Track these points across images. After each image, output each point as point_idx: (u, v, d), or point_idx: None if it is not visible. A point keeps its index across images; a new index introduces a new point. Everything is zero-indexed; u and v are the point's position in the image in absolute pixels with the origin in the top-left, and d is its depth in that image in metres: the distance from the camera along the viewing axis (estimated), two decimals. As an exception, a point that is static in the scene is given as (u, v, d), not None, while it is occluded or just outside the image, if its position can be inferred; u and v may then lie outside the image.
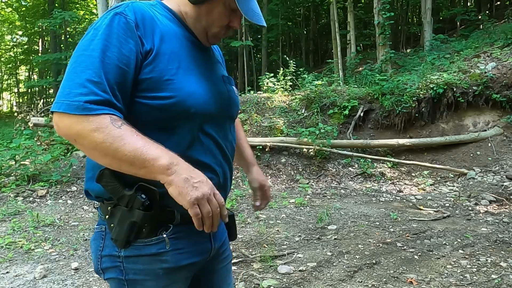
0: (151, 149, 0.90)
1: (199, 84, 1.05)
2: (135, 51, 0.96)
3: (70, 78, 0.91)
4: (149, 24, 1.01)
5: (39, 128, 7.42)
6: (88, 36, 0.96)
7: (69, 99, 0.89)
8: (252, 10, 1.08)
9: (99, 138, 0.88)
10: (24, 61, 25.70)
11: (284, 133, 7.28)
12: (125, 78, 0.95)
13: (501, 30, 9.54)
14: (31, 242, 3.75)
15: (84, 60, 0.92)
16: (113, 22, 0.96)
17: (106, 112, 0.89)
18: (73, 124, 0.89)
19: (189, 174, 0.92)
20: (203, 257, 1.16)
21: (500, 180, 5.80)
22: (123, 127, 0.90)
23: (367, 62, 11.67)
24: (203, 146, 1.07)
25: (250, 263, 3.31)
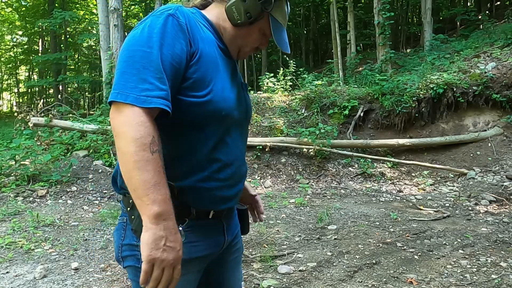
0: (157, 192, 0.94)
1: (230, 90, 1.14)
2: (185, 51, 1.03)
3: (132, 72, 0.97)
4: (194, 28, 1.09)
5: (39, 128, 7.42)
6: (144, 32, 1.01)
7: (136, 92, 0.95)
8: (283, 40, 1.21)
9: (131, 149, 0.94)
10: (24, 61, 25.68)
11: (284, 133, 7.28)
12: (177, 76, 1.02)
13: (501, 30, 9.54)
14: (31, 242, 3.75)
15: (143, 56, 0.98)
16: (167, 22, 1.03)
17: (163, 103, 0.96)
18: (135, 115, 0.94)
19: (168, 235, 0.95)
20: (216, 249, 1.22)
21: (500, 180, 5.80)
22: (155, 155, 0.95)
23: (367, 62, 11.67)
24: (227, 147, 1.15)
25: (250, 263, 3.31)
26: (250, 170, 6.76)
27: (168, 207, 0.96)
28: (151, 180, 0.93)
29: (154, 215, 0.94)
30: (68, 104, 13.10)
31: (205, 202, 1.14)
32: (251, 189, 1.50)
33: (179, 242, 0.98)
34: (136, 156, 0.93)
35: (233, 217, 1.34)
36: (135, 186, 0.94)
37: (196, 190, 1.11)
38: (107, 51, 9.68)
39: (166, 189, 0.96)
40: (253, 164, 6.86)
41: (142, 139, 0.93)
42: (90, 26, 19.59)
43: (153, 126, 0.96)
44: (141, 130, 0.94)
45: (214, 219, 1.19)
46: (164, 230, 0.95)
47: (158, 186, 0.94)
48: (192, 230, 1.11)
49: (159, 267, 0.95)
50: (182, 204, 1.08)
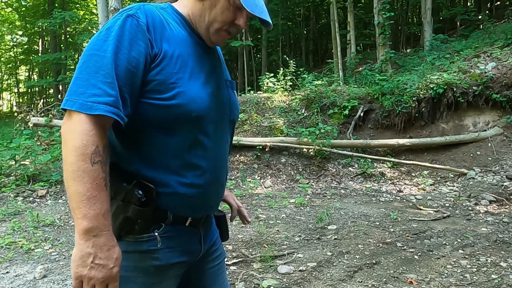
0: (90, 207, 0.89)
1: (203, 89, 1.06)
2: (145, 54, 0.98)
3: (84, 77, 0.94)
4: (158, 28, 1.03)
5: (39, 128, 7.42)
6: (101, 36, 0.98)
7: (83, 98, 0.91)
8: (257, 6, 1.07)
9: (71, 158, 0.90)
10: (24, 61, 25.69)
11: (284, 133, 7.28)
12: (134, 80, 0.97)
13: (501, 30, 9.54)
14: (31, 242, 3.75)
15: (97, 60, 0.94)
16: (125, 24, 0.98)
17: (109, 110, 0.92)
18: (80, 122, 0.91)
19: (97, 252, 0.90)
20: (192, 256, 1.17)
21: (500, 180, 5.80)
22: (95, 166, 0.90)
23: (367, 62, 11.66)
24: (205, 151, 1.09)
25: (250, 263, 3.31)
26: (250, 170, 6.76)
27: (100, 223, 0.90)
28: (86, 193, 0.89)
29: (83, 230, 0.90)
30: (68, 104, 13.06)
31: (183, 209, 1.10)
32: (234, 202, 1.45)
33: (112, 259, 0.92)
34: (74, 166, 0.90)
35: (211, 224, 1.28)
36: (70, 197, 0.91)
37: (172, 196, 1.06)
38: (107, 51, 9.67)
39: (103, 203, 0.91)
40: (253, 164, 6.86)
41: (84, 148, 0.90)
42: (90, 26, 19.57)
43: (99, 134, 0.92)
44: (84, 139, 0.90)
45: (192, 227, 1.14)
46: (93, 247, 0.90)
47: (92, 200, 0.90)
48: (168, 236, 1.08)
49: (88, 285, 0.91)
50: (159, 208, 1.05)
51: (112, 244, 0.94)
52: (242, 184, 6.41)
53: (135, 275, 1.05)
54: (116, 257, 0.94)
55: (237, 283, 2.94)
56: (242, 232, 4.10)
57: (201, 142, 1.07)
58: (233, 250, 3.60)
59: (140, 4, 1.05)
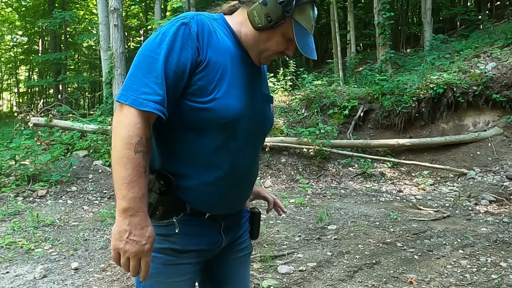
0: (130, 190, 1.01)
1: (238, 99, 1.14)
2: (191, 59, 1.08)
3: (139, 75, 1.05)
4: (207, 37, 1.12)
5: (39, 128, 7.42)
6: (157, 39, 1.08)
7: (136, 95, 1.03)
8: (307, 45, 1.17)
9: (118, 146, 1.02)
10: (24, 61, 25.67)
11: (284, 133, 7.28)
12: (179, 82, 1.08)
13: (501, 30, 9.53)
14: (31, 242, 3.75)
15: (151, 61, 1.06)
16: (179, 31, 1.09)
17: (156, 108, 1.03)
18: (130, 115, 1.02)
19: (132, 229, 1.02)
20: (212, 247, 1.25)
21: (500, 180, 5.80)
22: (137, 155, 1.02)
23: (367, 62, 11.66)
24: (231, 155, 1.16)
25: (250, 263, 3.31)
26: (250, 170, 6.76)
27: (136, 205, 1.01)
28: (127, 177, 1.00)
29: (122, 210, 1.02)
30: (68, 104, 13.10)
31: (200, 205, 1.18)
32: (269, 196, 1.53)
33: (145, 237, 1.03)
34: (120, 153, 1.01)
35: (238, 219, 1.35)
36: (114, 179, 1.03)
37: (192, 191, 1.16)
38: (107, 51, 9.68)
39: (141, 188, 1.02)
40: (253, 164, 6.86)
41: (130, 138, 1.01)
42: (90, 26, 19.58)
43: (144, 128, 1.03)
44: (131, 130, 1.01)
45: (210, 219, 1.22)
46: (129, 224, 1.01)
47: (132, 184, 1.01)
48: (186, 224, 1.17)
49: (124, 257, 1.03)
50: (179, 199, 1.15)
51: (146, 224, 1.04)
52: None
53: (155, 255, 1.14)
54: (149, 235, 1.04)
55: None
56: (242, 232, 4.10)
57: (227, 146, 1.15)
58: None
59: (194, 14, 1.15)
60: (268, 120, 1.30)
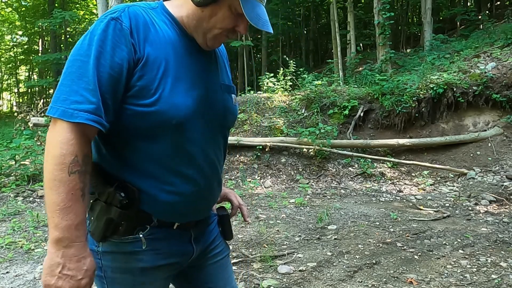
0: (63, 217, 0.89)
1: (187, 94, 1.02)
2: (128, 59, 0.96)
3: (67, 83, 0.93)
4: (142, 31, 1.00)
5: (39, 128, 7.42)
6: (86, 40, 0.96)
7: (65, 105, 0.91)
8: (258, 16, 1.04)
9: (49, 167, 0.90)
10: (24, 61, 25.68)
11: (284, 133, 7.28)
12: (117, 86, 0.95)
13: (501, 30, 9.53)
14: (31, 242, 3.75)
15: (80, 66, 0.93)
16: (108, 28, 0.96)
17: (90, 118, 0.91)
18: (61, 130, 0.91)
19: (66, 262, 0.90)
20: (183, 258, 1.16)
21: (500, 180, 5.80)
22: (72, 176, 0.90)
23: (367, 62, 11.66)
24: (189, 157, 1.05)
25: (250, 263, 3.31)
26: (250, 170, 6.76)
27: (71, 234, 0.90)
28: (60, 203, 0.89)
29: (54, 240, 0.90)
30: (68, 104, 13.04)
31: (168, 215, 1.08)
32: (235, 199, 1.41)
33: (82, 270, 0.92)
34: (51, 175, 0.90)
35: (207, 225, 1.25)
36: (46, 205, 0.92)
37: (155, 202, 1.04)
38: (107, 51, 9.66)
39: (78, 214, 0.91)
40: (253, 164, 6.86)
41: (62, 158, 0.89)
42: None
43: (80, 143, 0.91)
44: (64, 148, 0.89)
45: (180, 229, 1.12)
46: (63, 257, 0.90)
47: (66, 210, 0.89)
48: (154, 238, 1.06)
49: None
50: (143, 211, 1.04)
51: (84, 255, 0.93)
52: (242, 184, 6.41)
53: (122, 276, 1.06)
54: (87, 268, 0.93)
55: (237, 283, 2.94)
56: (242, 232, 4.10)
57: (185, 150, 1.04)
58: (233, 250, 3.60)
59: (125, 6, 1.01)
60: (229, 112, 1.17)
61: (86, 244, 0.94)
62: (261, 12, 1.06)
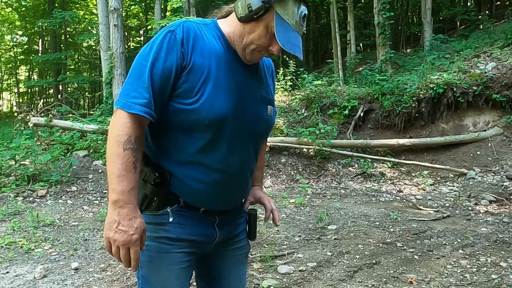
0: (119, 183, 1.09)
1: (223, 100, 1.18)
2: (176, 64, 1.15)
3: (130, 82, 1.16)
4: (192, 42, 1.18)
5: (39, 128, 7.42)
6: (147, 48, 1.17)
7: (126, 99, 1.13)
8: (288, 39, 1.16)
9: (110, 143, 1.13)
10: (24, 61, 25.66)
11: (284, 133, 7.28)
12: (165, 86, 1.15)
13: (501, 30, 9.53)
14: (31, 242, 3.75)
15: (140, 68, 1.15)
16: (165, 38, 1.16)
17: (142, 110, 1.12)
18: (120, 117, 1.13)
19: (121, 220, 1.09)
20: (205, 239, 1.30)
21: (500, 180, 5.80)
22: (126, 152, 1.11)
23: (367, 62, 11.66)
24: (219, 154, 1.21)
25: (250, 263, 3.31)
26: (250, 170, 6.75)
27: (125, 197, 1.10)
28: (117, 172, 1.09)
29: (112, 201, 1.10)
30: (68, 104, 13.10)
31: (192, 200, 1.25)
32: (268, 203, 1.52)
33: (133, 227, 1.10)
34: (111, 150, 1.12)
35: (234, 217, 1.39)
36: (107, 174, 1.13)
37: (183, 188, 1.23)
38: (107, 51, 9.67)
39: (130, 182, 1.10)
40: (253, 164, 6.86)
41: (119, 137, 1.11)
42: (90, 26, 19.58)
43: (133, 127, 1.12)
44: (121, 129, 1.11)
45: (205, 213, 1.28)
46: (119, 215, 1.09)
47: (121, 178, 1.09)
48: (180, 214, 1.24)
49: (114, 245, 1.11)
50: (173, 193, 1.23)
51: (135, 215, 1.11)
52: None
53: (151, 243, 1.21)
54: (137, 226, 1.11)
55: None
56: (242, 232, 4.10)
57: (214, 146, 1.20)
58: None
59: (182, 21, 1.21)
60: (263, 121, 1.32)
61: (137, 207, 1.13)
62: (293, 37, 1.18)
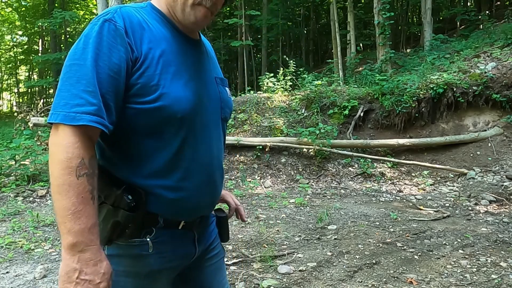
0: (75, 222, 0.88)
1: (187, 88, 1.03)
2: (125, 58, 0.96)
3: (66, 88, 0.92)
4: (137, 30, 1.00)
5: (39, 128, 7.41)
6: (80, 44, 0.96)
7: (66, 109, 0.90)
8: None
9: (56, 172, 0.89)
10: (24, 61, 25.69)
11: (284, 133, 7.28)
12: (117, 86, 0.96)
13: (501, 30, 9.53)
14: (31, 242, 3.75)
15: (77, 69, 0.93)
16: (103, 29, 0.96)
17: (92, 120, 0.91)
18: (65, 134, 0.90)
19: (83, 267, 0.89)
20: (186, 260, 1.17)
21: (500, 180, 5.80)
22: (81, 180, 0.89)
23: (367, 62, 11.66)
24: (193, 151, 1.06)
25: (250, 263, 3.31)
26: (250, 170, 6.76)
27: (85, 238, 0.89)
28: (71, 207, 0.88)
29: (68, 246, 0.89)
30: (68, 104, 13.04)
31: (172, 213, 1.08)
32: (232, 200, 1.42)
33: (99, 274, 0.90)
34: (60, 179, 0.88)
35: (208, 224, 1.26)
36: (56, 211, 0.90)
37: (161, 200, 1.04)
38: (107, 51, 9.66)
39: (89, 217, 0.90)
40: (253, 164, 6.86)
41: (69, 161, 0.88)
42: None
43: (84, 147, 0.90)
44: (69, 151, 0.89)
45: (184, 229, 1.13)
46: (79, 262, 0.89)
47: (77, 214, 0.88)
48: (160, 241, 1.07)
49: None
50: (149, 212, 1.04)
51: (99, 258, 0.92)
52: (242, 184, 6.40)
53: (125, 280, 1.05)
54: (104, 272, 0.92)
55: (237, 283, 2.94)
56: (242, 232, 4.10)
57: (188, 144, 1.05)
58: (233, 250, 3.60)
59: (117, 7, 1.02)
60: (226, 104, 1.19)
61: (100, 247, 0.93)
62: None
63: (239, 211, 1.42)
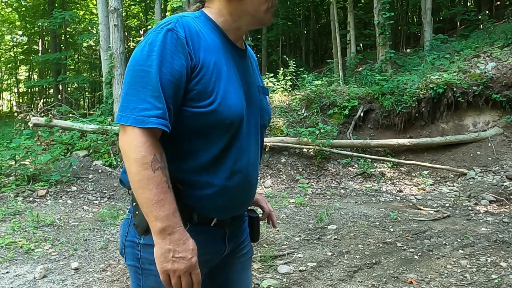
0: (160, 209, 1.00)
1: (237, 96, 1.12)
2: (186, 66, 1.05)
3: (133, 93, 1.02)
4: (195, 39, 1.09)
5: (39, 128, 7.42)
6: (145, 51, 1.04)
7: (135, 113, 1.00)
8: None
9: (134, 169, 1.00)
10: (24, 61, 25.66)
11: (284, 133, 7.28)
12: (177, 91, 1.05)
13: (501, 30, 9.53)
14: (31, 242, 3.75)
15: (143, 75, 1.02)
16: (166, 38, 1.04)
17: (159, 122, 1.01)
18: (135, 136, 1.00)
19: (175, 247, 1.01)
20: (216, 256, 1.23)
21: (500, 180, 5.80)
22: (157, 173, 1.00)
23: (367, 62, 11.65)
24: (236, 154, 1.15)
25: (251, 267, 3.31)
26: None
27: (172, 221, 1.00)
28: (154, 198, 0.99)
29: (158, 231, 1.00)
30: (68, 104, 13.10)
31: (209, 210, 1.16)
32: (266, 205, 1.50)
33: (189, 250, 1.02)
34: (138, 176, 1.00)
35: (240, 224, 1.33)
36: (141, 203, 1.02)
37: (202, 197, 1.13)
38: (107, 51, 9.67)
39: (171, 203, 1.01)
40: (253, 164, 6.86)
41: (143, 159, 0.99)
42: (90, 26, 19.56)
43: (154, 144, 1.01)
44: (142, 150, 0.99)
45: (216, 227, 1.19)
46: (171, 243, 1.01)
47: (161, 202, 0.99)
48: (192, 236, 1.11)
49: (175, 276, 1.02)
50: (185, 208, 1.11)
51: (186, 237, 1.03)
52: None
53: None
54: (192, 248, 1.04)
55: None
56: (242, 232, 4.10)
57: (233, 147, 1.13)
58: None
59: (178, 17, 1.11)
60: (266, 112, 1.28)
61: (184, 228, 1.04)
62: None
63: (271, 217, 1.51)
